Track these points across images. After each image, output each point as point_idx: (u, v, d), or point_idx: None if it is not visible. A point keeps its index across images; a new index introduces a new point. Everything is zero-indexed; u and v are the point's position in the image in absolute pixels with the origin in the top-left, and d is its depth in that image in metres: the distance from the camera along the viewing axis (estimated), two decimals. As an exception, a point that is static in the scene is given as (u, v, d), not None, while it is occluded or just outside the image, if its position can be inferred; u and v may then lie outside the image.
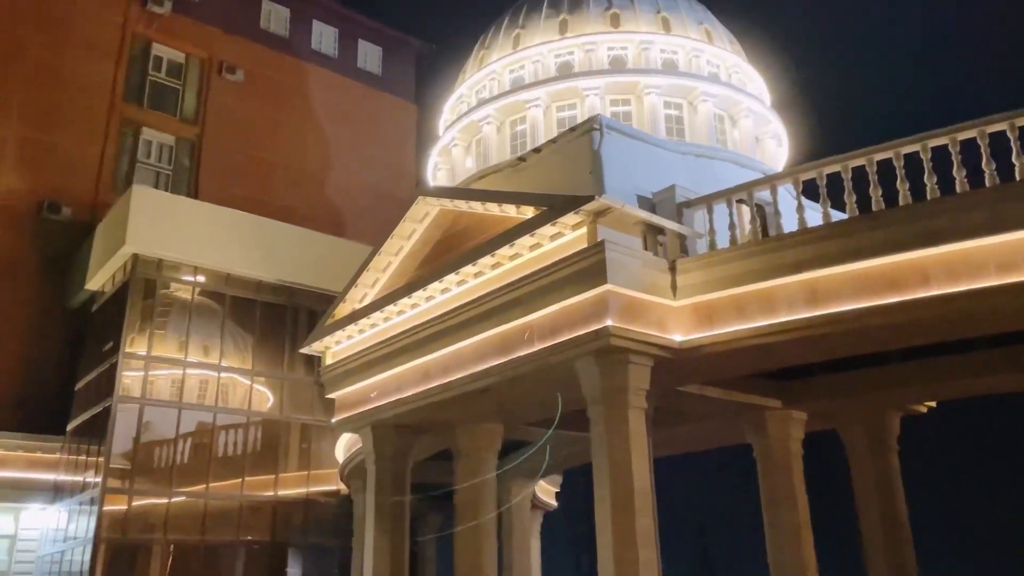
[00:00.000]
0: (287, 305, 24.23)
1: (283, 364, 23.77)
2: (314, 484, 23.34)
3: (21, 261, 25.36)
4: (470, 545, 14.41)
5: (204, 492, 21.36)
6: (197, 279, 22.98)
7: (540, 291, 11.94)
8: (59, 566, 21.29)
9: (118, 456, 20.62)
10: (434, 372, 13.88)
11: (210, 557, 21.45)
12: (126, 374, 21.10)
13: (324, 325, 16.59)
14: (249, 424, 22.99)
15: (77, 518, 21.05)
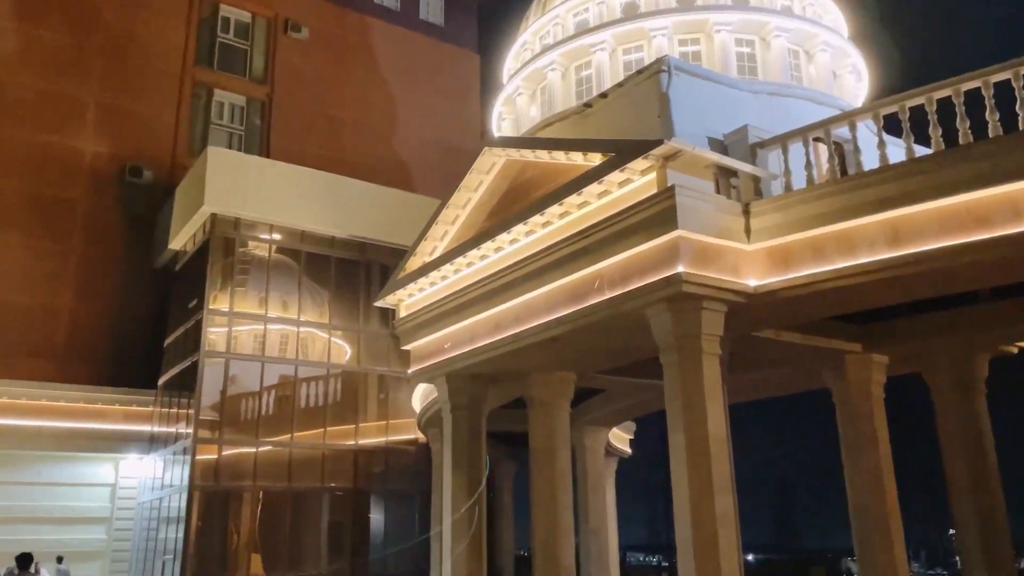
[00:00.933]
0: (360, 260, 24.69)
1: (359, 318, 24.34)
2: (393, 433, 24.01)
3: (109, 224, 26.54)
4: (546, 492, 14.64)
5: (289, 442, 22.23)
6: (273, 237, 23.59)
7: (609, 239, 11.82)
8: (157, 512, 22.58)
9: (207, 408, 21.58)
10: (505, 322, 13.97)
11: (297, 502, 22.40)
12: (211, 330, 21.95)
13: (396, 279, 16.83)
14: (328, 376, 23.70)
15: (172, 467, 22.23)
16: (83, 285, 25.80)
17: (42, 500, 22.62)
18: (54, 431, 22.73)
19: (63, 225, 25.95)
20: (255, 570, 21.22)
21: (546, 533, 14.42)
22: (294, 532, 22.36)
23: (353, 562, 22.49)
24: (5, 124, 25.63)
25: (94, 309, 25.71)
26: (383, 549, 23.29)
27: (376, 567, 23.01)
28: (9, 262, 24.77)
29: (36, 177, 25.74)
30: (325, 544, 22.56)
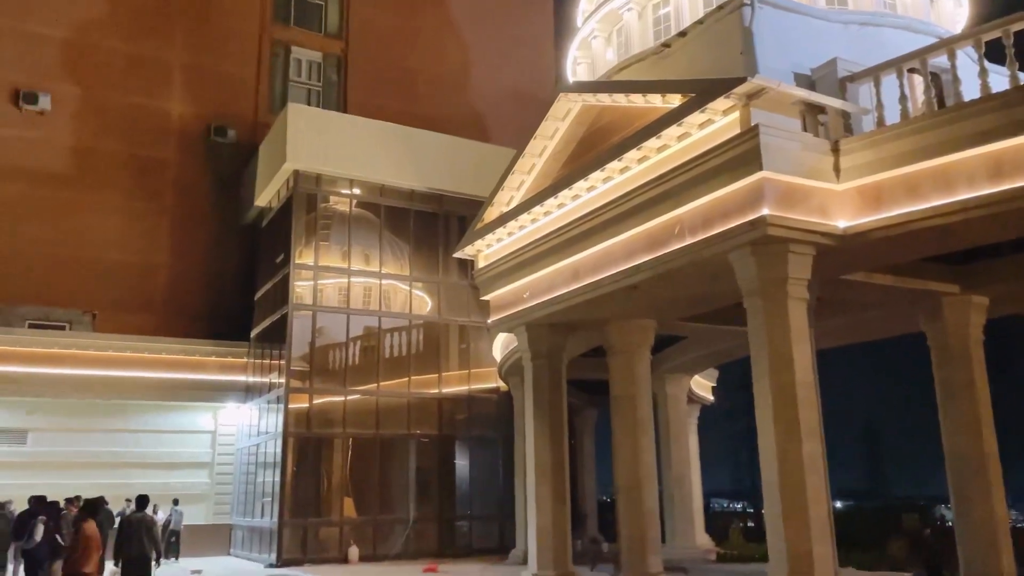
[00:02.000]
0: (438, 212, 24.91)
1: (438, 269, 24.66)
2: (474, 382, 24.43)
3: (198, 183, 27.55)
4: (627, 438, 14.67)
5: (375, 390, 22.90)
6: (353, 191, 24.00)
7: (690, 183, 11.52)
8: (255, 457, 23.73)
9: (297, 359, 22.39)
10: (584, 271, 13.89)
11: (385, 448, 23.15)
12: (297, 284, 22.63)
13: (474, 230, 16.89)
14: (411, 327, 24.19)
15: (267, 415, 23.24)
16: (177, 243, 26.97)
17: (150, 447, 24.07)
18: (158, 382, 24.04)
19: (156, 185, 27.09)
20: (348, 513, 22.16)
21: (629, 479, 14.50)
22: (383, 477, 23.16)
23: (440, 506, 23.20)
24: (98, 88, 26.71)
25: (188, 266, 26.87)
26: (468, 494, 23.92)
27: (462, 511, 23.69)
28: (109, 222, 26.06)
29: (129, 139, 26.85)
30: (413, 488, 23.32)
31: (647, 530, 14.24)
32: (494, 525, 23.66)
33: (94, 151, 26.38)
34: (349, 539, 21.35)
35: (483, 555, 22.04)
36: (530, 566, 14.72)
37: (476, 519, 23.78)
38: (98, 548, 9.58)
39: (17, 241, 24.70)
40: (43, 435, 22.95)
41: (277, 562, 20.22)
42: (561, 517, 14.77)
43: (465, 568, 19.28)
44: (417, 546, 22.15)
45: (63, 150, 26.08)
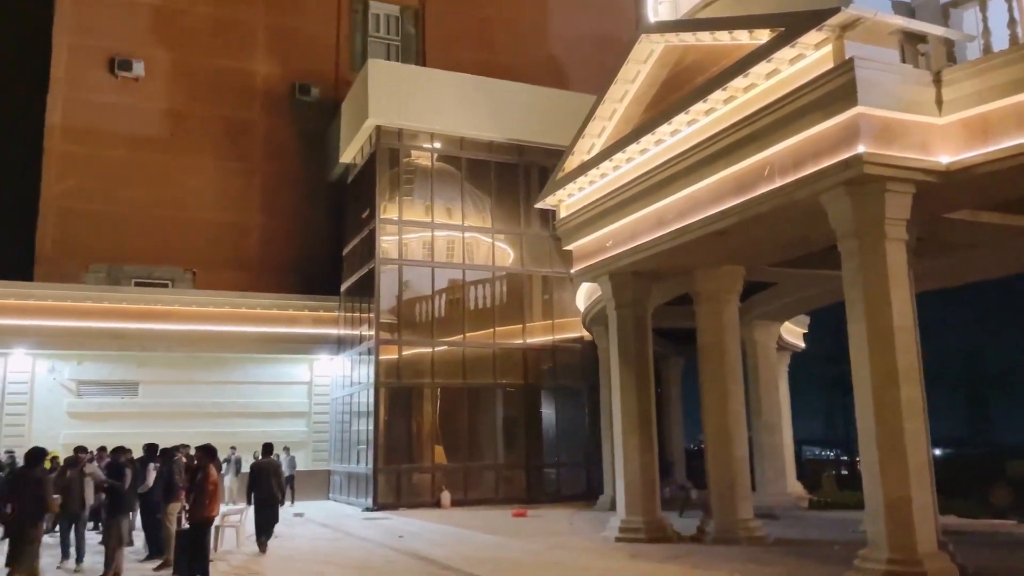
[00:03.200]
0: (518, 163, 24.83)
1: (519, 221, 24.68)
2: (558, 332, 24.54)
3: (285, 142, 28.29)
4: (716, 386, 14.51)
5: (462, 341, 23.30)
6: (434, 145, 24.14)
7: (780, 122, 11.08)
8: (349, 406, 24.61)
9: (385, 312, 22.96)
10: (668, 217, 13.63)
11: (472, 397, 23.64)
12: (383, 238, 23.08)
13: (555, 179, 16.76)
14: (494, 279, 24.40)
15: (358, 366, 24.01)
16: (267, 202, 27.85)
17: (251, 397, 25.24)
18: (255, 335, 25.09)
19: (245, 146, 27.94)
20: (439, 460, 22.81)
21: (717, 426, 14.38)
22: (471, 425, 23.71)
23: (527, 453, 23.62)
24: (189, 53, 27.57)
25: (279, 223, 27.76)
26: (555, 442, 24.24)
27: (549, 458, 24.04)
28: (203, 183, 27.10)
29: (218, 101, 27.69)
30: (501, 436, 23.79)
31: (736, 477, 14.15)
32: (581, 472, 23.95)
33: (186, 114, 27.35)
34: (441, 485, 22.02)
35: (570, 501, 22.39)
36: (618, 512, 14.86)
37: (563, 466, 24.12)
38: (219, 492, 10.19)
39: (120, 204, 25.98)
40: (153, 387, 24.36)
41: (374, 506, 21.07)
42: (649, 465, 14.81)
43: (553, 513, 19.65)
44: (506, 492, 22.68)
45: (157, 115, 27.13)
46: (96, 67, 26.51)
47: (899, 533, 9.59)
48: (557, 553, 12.93)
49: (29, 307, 23.00)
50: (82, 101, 26.18)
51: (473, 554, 12.79)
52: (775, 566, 11.33)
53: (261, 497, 13.59)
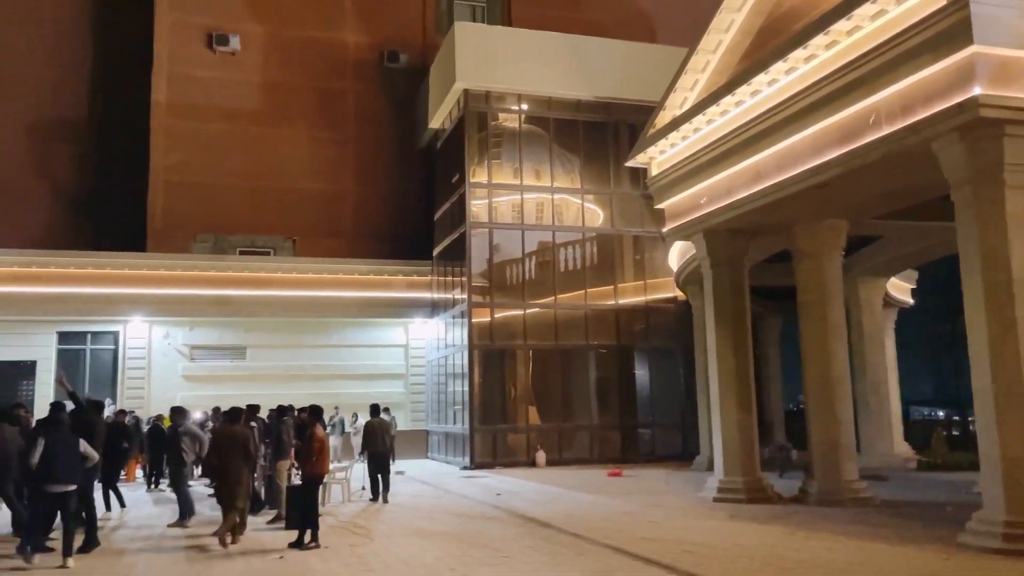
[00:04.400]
0: (607, 122, 24.46)
1: (609, 180, 24.38)
2: (651, 292, 24.27)
3: (376, 110, 28.78)
4: (818, 344, 14.08)
5: (553, 303, 23.35)
6: (522, 107, 24.02)
7: (886, 66, 10.49)
8: (444, 368, 25.13)
9: (477, 275, 23.21)
10: (766, 171, 13.19)
11: (565, 359, 23.73)
12: (473, 202, 23.24)
13: (645, 136, 16.42)
14: (584, 240, 24.27)
15: (452, 329, 24.42)
16: (360, 169, 28.49)
17: (350, 360, 26.09)
18: (352, 300, 25.87)
19: (338, 115, 28.55)
20: (533, 420, 23.08)
21: (820, 386, 13.98)
22: (564, 386, 23.84)
23: (621, 414, 23.60)
24: (282, 25, 28.28)
25: (372, 191, 28.38)
26: (649, 403, 24.13)
27: (644, 418, 23.97)
28: (300, 153, 27.92)
29: (311, 72, 28.35)
30: (594, 397, 23.84)
31: (840, 437, 13.75)
32: (676, 433, 23.79)
33: (280, 86, 28.12)
34: (536, 445, 22.30)
35: (666, 462, 22.30)
36: (716, 472, 14.72)
37: (658, 427, 24.01)
38: (326, 450, 10.62)
39: (222, 176, 27.07)
40: (259, 351, 25.48)
41: (471, 465, 21.55)
42: (747, 425, 14.57)
43: (649, 473, 19.63)
44: (601, 452, 22.78)
45: (253, 87, 28.00)
46: (195, 43, 27.51)
47: (1017, 494, 9.16)
48: (654, 512, 12.94)
49: (143, 277, 24.36)
50: (184, 77, 27.26)
51: (570, 512, 12.94)
52: (883, 528, 11.02)
53: (374, 451, 14.76)
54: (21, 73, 27.65)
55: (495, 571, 8.58)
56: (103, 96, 28.43)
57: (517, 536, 10.88)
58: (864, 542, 9.93)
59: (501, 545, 10.15)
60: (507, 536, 10.87)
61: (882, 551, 9.37)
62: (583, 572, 8.48)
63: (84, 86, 28.60)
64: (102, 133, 28.18)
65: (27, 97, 27.67)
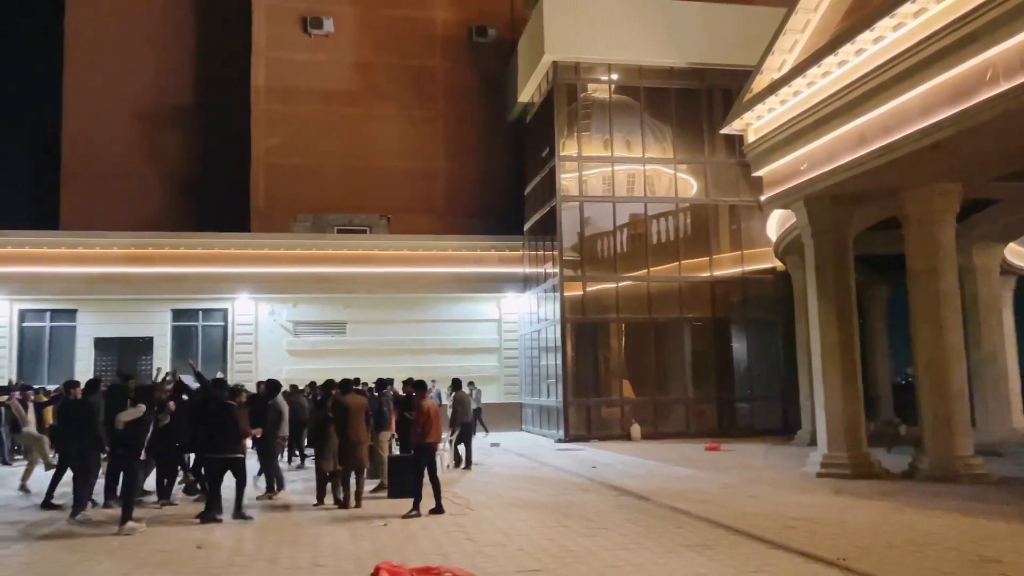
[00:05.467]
0: (700, 88, 23.84)
1: (703, 149, 23.80)
2: (748, 263, 23.65)
3: (465, 86, 28.94)
4: (929, 314, 13.42)
5: (646, 276, 23.07)
6: (612, 77, 23.67)
7: (1005, 17, 9.79)
8: (536, 342, 25.25)
9: (568, 249, 23.14)
10: (871, 134, 12.59)
11: (659, 332, 23.45)
12: (563, 176, 23.12)
13: (742, 102, 15.92)
14: (677, 211, 23.81)
15: (544, 303, 24.49)
16: (451, 146, 28.78)
17: (445, 334, 26.54)
18: (445, 276, 26.27)
19: (428, 92, 28.88)
20: (627, 394, 22.97)
21: (931, 359, 13.35)
22: (658, 360, 23.58)
23: (718, 387, 23.20)
24: (373, 5, 28.79)
25: (462, 167, 28.64)
26: (747, 376, 23.62)
27: (742, 392, 23.50)
28: (392, 132, 28.42)
29: (401, 51, 28.73)
30: (690, 370, 23.49)
31: (954, 412, 13.13)
32: (776, 406, 23.23)
33: (373, 66, 28.63)
34: (630, 418, 22.21)
35: (765, 436, 21.82)
36: (820, 447, 14.31)
37: (757, 400, 23.49)
38: (432, 420, 10.87)
39: (318, 156, 27.85)
40: (358, 326, 26.22)
41: (565, 438, 21.67)
42: (852, 399, 14.08)
43: (748, 447, 19.27)
44: (697, 426, 22.48)
45: (347, 68, 28.61)
46: (291, 27, 28.27)
47: None
48: (754, 487, 12.71)
49: (248, 256, 25.41)
50: (281, 61, 28.09)
51: (666, 486, 12.86)
52: (1003, 505, 10.49)
53: (464, 423, 15.93)
54: (132, 64, 29.10)
55: (592, 542, 8.63)
56: (207, 83, 29.65)
57: (614, 508, 10.90)
58: (980, 519, 9.49)
59: (598, 517, 10.20)
60: (603, 508, 10.91)
61: (999, 529, 8.92)
62: (682, 545, 8.43)
63: (190, 74, 29.87)
64: (207, 118, 29.40)
65: (138, 87, 29.13)
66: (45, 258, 24.19)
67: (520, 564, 7.69)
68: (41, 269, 24.06)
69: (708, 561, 7.69)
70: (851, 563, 7.38)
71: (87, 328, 24.82)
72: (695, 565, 7.53)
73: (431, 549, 8.39)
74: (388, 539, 9.02)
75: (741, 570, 7.34)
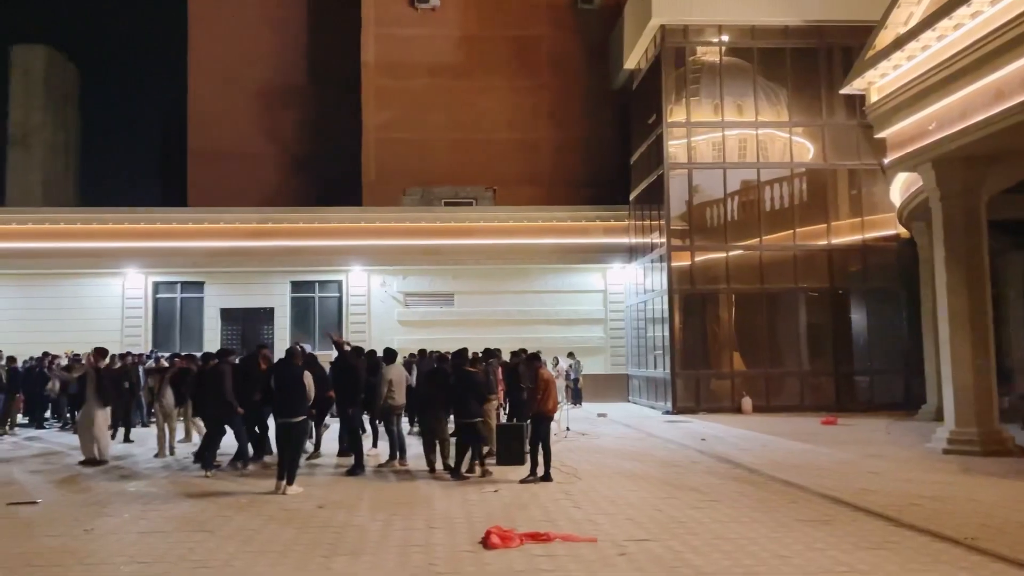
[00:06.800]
0: (818, 47, 22.75)
1: (820, 111, 22.73)
2: (869, 230, 22.54)
3: (569, 55, 28.70)
4: (1072, 283, 12.44)
5: (758, 245, 22.36)
6: (722, 39, 22.87)
7: None
8: (643, 313, 24.97)
9: (675, 218, 22.67)
10: (1009, 89, 11.68)
11: (771, 303, 22.70)
12: (671, 143, 22.60)
13: (864, 59, 15.08)
14: (792, 176, 22.88)
15: (651, 274, 24.15)
16: (555, 116, 28.66)
17: (551, 305, 26.64)
18: (551, 247, 26.30)
19: (532, 62, 28.80)
20: (737, 366, 22.43)
21: (1074, 330, 12.39)
22: (771, 331, 22.87)
23: (835, 360, 22.31)
24: (477, -24, 28.82)
25: (567, 137, 28.48)
26: (867, 348, 22.60)
27: (861, 365, 22.52)
28: (497, 103, 28.54)
29: (506, 22, 28.74)
30: (804, 342, 22.68)
31: (1099, 388, 12.16)
32: (898, 380, 22.17)
33: (478, 38, 28.76)
34: (741, 391, 21.69)
35: (886, 410, 20.89)
36: (946, 423, 13.58)
37: (877, 373, 22.46)
38: (554, 389, 11.02)
39: (426, 130, 28.31)
40: (466, 297, 26.66)
41: (673, 410, 21.41)
42: (984, 372, 13.26)
43: (867, 422, 18.50)
44: (812, 399, 21.73)
45: (453, 41, 28.86)
46: (399, 2, 28.75)
47: None
48: (874, 463, 12.21)
49: (360, 229, 26.21)
50: (389, 36, 28.62)
51: (780, 460, 12.53)
52: None
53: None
54: (250, 47, 30.33)
55: (703, 514, 8.52)
56: (319, 62, 30.58)
57: (724, 481, 10.72)
58: None
59: (708, 489, 10.06)
60: (713, 481, 10.74)
61: None
62: (797, 520, 8.21)
63: (303, 53, 30.89)
64: (319, 96, 30.37)
65: (256, 68, 30.36)
66: (175, 233, 25.73)
67: (629, 533, 7.69)
68: (172, 244, 25.62)
69: (825, 536, 7.46)
70: (980, 543, 7.01)
71: (214, 299, 26.28)
72: (811, 540, 7.32)
73: (540, 516, 8.50)
74: (498, 505, 9.20)
75: (860, 546, 7.09)
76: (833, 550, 6.97)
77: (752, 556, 6.79)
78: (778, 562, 6.60)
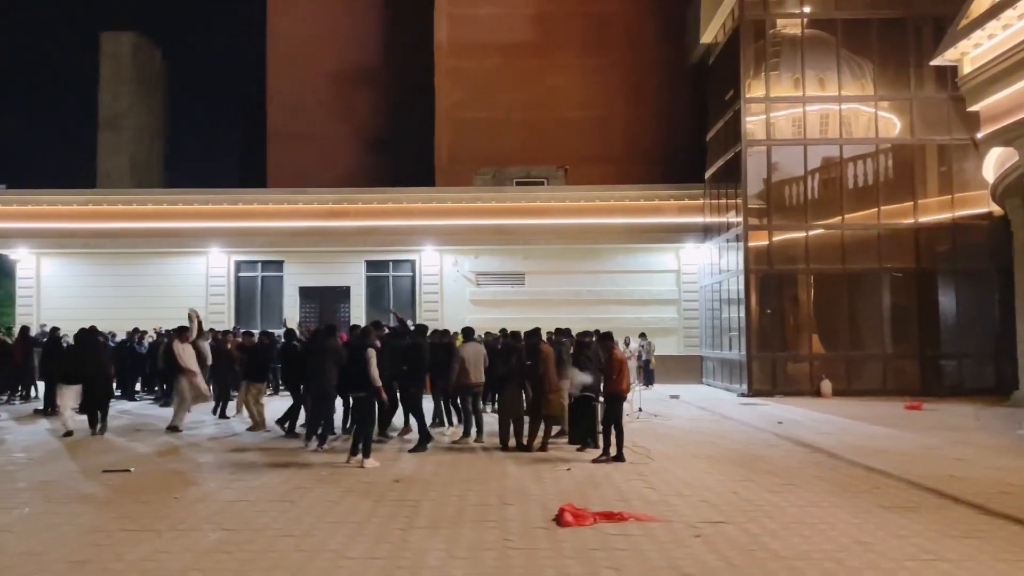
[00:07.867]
0: (906, 17, 21.79)
1: (908, 84, 21.78)
2: (959, 208, 21.56)
3: (644, 30, 28.26)
4: None
5: (840, 224, 21.64)
6: (804, 10, 22.11)
7: None
8: (718, 294, 24.52)
9: (753, 197, 22.12)
10: (1119, 56, 10.96)
11: (852, 283, 21.99)
12: (749, 119, 22.02)
13: (957, 29, 14.40)
14: (877, 152, 22.03)
15: (726, 253, 23.67)
16: (629, 93, 28.30)
17: (623, 285, 26.44)
18: (623, 227, 26.03)
19: (605, 39, 28.46)
20: (815, 348, 21.84)
21: None
22: (852, 313, 22.18)
23: (921, 343, 21.50)
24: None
25: (640, 114, 28.08)
26: (955, 331, 21.69)
27: (948, 348, 21.64)
28: (569, 82, 28.34)
29: (576, -2, 28.46)
30: (888, 324, 21.91)
31: None
32: (988, 364, 21.23)
33: (550, 16, 28.54)
34: (820, 374, 21.13)
35: (975, 395, 20.04)
36: (1040, 410, 12.96)
37: (966, 357, 21.54)
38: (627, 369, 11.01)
39: (498, 110, 28.33)
40: (536, 277, 26.69)
41: (748, 392, 21.02)
42: (1083, 357, 12.58)
43: (954, 407, 17.80)
44: (895, 383, 21.01)
45: (525, 20, 28.71)
46: (471, -18, 28.74)
47: None
48: (961, 449, 11.75)
49: (432, 209, 26.45)
50: (462, 17, 28.67)
51: (861, 444, 12.17)
52: None
53: None
54: (326, 30, 30.85)
55: (780, 498, 8.36)
56: (393, 44, 30.88)
57: (802, 465, 10.49)
58: None
59: (785, 473, 9.86)
60: (791, 464, 10.52)
61: None
62: (879, 506, 7.97)
63: (378, 36, 31.25)
64: (393, 78, 30.70)
65: (332, 51, 30.88)
66: (255, 213, 26.49)
67: (704, 515, 7.60)
68: (252, 224, 26.40)
69: (910, 523, 7.22)
70: (1080, 537, 6.68)
71: (293, 278, 27.01)
72: (894, 527, 7.10)
73: (612, 495, 8.48)
74: (571, 483, 9.22)
75: (947, 534, 6.84)
76: (918, 538, 6.75)
77: (832, 541, 6.63)
78: (860, 548, 6.43)
